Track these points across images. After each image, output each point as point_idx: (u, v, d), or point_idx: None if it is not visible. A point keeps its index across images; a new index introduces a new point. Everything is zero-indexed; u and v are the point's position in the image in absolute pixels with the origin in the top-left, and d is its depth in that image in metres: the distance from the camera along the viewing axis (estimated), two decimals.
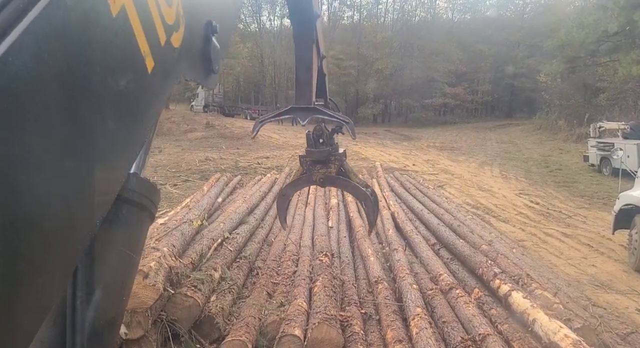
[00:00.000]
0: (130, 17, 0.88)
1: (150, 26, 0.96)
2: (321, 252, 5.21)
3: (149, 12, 0.95)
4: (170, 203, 8.88)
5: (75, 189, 0.78)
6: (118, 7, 0.83)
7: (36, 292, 0.72)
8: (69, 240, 0.80)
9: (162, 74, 1.06)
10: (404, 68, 51.43)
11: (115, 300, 1.14)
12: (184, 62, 1.21)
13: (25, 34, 0.62)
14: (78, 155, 0.78)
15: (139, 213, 1.15)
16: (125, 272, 1.17)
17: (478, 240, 5.98)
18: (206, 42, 1.33)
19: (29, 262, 0.69)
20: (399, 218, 7.32)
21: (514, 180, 15.05)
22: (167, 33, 1.04)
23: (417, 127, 45.48)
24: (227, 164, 16.28)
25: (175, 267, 3.48)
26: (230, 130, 29.80)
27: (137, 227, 1.18)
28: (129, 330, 2.82)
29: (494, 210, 10.16)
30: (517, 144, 28.43)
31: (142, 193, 1.13)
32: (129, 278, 1.21)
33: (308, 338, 3.26)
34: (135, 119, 0.99)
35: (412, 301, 4.04)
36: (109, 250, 1.06)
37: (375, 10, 59.96)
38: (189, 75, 1.29)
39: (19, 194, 0.65)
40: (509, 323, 3.88)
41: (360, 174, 13.45)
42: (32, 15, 0.63)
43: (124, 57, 0.89)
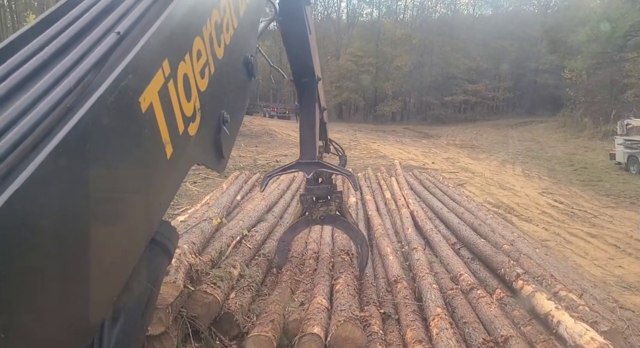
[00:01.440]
0: (156, 113, 1.07)
1: (172, 119, 1.15)
2: (342, 250, 5.18)
3: (171, 107, 1.15)
4: (190, 201, 8.98)
5: (132, 235, 1.05)
6: (147, 105, 1.03)
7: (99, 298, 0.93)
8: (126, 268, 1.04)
9: (179, 159, 1.24)
10: (423, 65, 50.96)
11: (137, 326, 1.25)
12: (198, 148, 1.41)
13: (75, 128, 0.79)
14: (128, 220, 1.03)
15: (160, 252, 1.30)
16: (145, 302, 1.28)
17: (500, 240, 5.86)
18: (218, 131, 1.53)
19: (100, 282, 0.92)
20: (419, 217, 7.23)
21: (537, 179, 14.73)
22: (185, 124, 1.24)
23: (436, 125, 44.99)
24: (245, 161, 16.39)
25: (195, 264, 3.51)
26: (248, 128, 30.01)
27: (158, 264, 1.33)
28: (150, 327, 2.85)
29: (516, 209, 9.95)
30: (540, 141, 27.83)
31: (163, 234, 1.29)
32: (149, 308, 1.32)
33: (332, 335, 3.25)
34: (161, 194, 1.18)
35: (432, 301, 3.98)
36: (134, 282, 1.18)
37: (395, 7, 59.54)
38: (201, 160, 1.50)
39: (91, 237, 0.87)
40: (532, 324, 3.79)
41: (379, 171, 13.38)
42: (82, 111, 0.81)
43: (149, 145, 1.08)
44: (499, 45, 51.53)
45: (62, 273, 0.80)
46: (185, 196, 9.66)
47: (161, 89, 1.08)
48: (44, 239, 0.75)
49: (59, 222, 0.77)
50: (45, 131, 0.77)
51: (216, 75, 1.44)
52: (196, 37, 1.29)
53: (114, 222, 0.96)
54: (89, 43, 0.97)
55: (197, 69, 1.29)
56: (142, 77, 1.00)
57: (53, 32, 0.97)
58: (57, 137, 0.76)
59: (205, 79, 1.36)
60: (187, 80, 1.23)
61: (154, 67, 1.06)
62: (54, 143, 0.75)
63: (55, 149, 0.75)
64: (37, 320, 0.75)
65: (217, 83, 1.46)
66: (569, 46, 35.30)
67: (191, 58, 1.25)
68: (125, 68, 0.93)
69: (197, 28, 1.30)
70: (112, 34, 1.00)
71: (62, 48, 0.94)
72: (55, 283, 0.78)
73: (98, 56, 0.93)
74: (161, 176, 1.16)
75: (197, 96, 1.29)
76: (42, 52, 0.91)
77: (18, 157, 0.72)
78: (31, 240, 0.72)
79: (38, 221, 0.73)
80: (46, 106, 0.79)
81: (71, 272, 0.82)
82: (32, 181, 0.70)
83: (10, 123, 0.75)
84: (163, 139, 1.11)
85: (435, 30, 51.43)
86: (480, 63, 51.42)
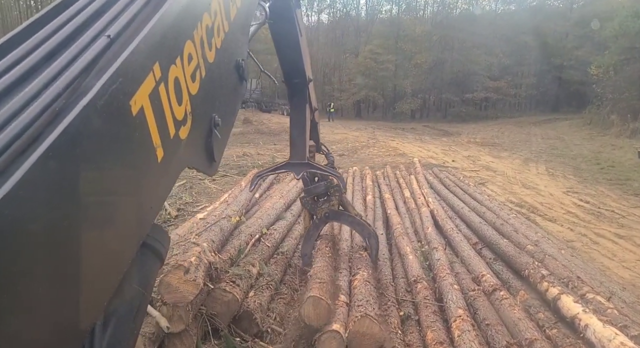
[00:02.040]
0: (147, 116, 1.07)
1: (163, 122, 1.15)
2: (360, 246, 5.13)
3: (162, 111, 1.15)
4: (209, 199, 9.06)
5: (123, 239, 1.06)
6: (138, 108, 1.02)
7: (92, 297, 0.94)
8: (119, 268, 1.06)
9: (170, 162, 1.24)
10: (443, 62, 50.32)
11: (128, 331, 1.24)
12: (189, 152, 1.40)
13: (65, 132, 0.79)
14: (119, 217, 1.04)
15: (151, 255, 1.29)
16: (137, 306, 1.27)
17: (523, 240, 5.72)
18: (209, 134, 1.53)
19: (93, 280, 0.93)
20: (439, 216, 7.12)
21: (562, 178, 14.36)
22: (176, 127, 1.24)
23: (456, 122, 44.40)
24: (264, 159, 16.45)
25: (214, 262, 3.52)
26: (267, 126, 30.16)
27: (149, 267, 1.32)
28: (171, 324, 2.87)
29: (539, 208, 9.72)
30: (565, 139, 27.14)
31: (155, 238, 1.29)
32: (140, 312, 1.31)
33: (349, 331, 3.22)
34: (152, 198, 1.19)
35: (454, 302, 3.90)
36: (125, 286, 1.17)
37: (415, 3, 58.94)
38: (193, 163, 1.48)
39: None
40: (558, 328, 3.68)
41: (398, 169, 13.25)
42: (72, 115, 0.82)
43: (140, 149, 1.08)
44: (522, 41, 50.46)
45: (51, 277, 0.79)
46: (204, 194, 9.75)
47: (152, 92, 1.08)
48: (33, 243, 0.74)
49: (48, 225, 0.77)
50: (34, 135, 0.77)
51: (207, 78, 1.45)
52: (187, 41, 1.29)
53: (104, 226, 0.96)
54: (79, 46, 0.96)
55: (188, 73, 1.30)
56: (132, 80, 1.00)
57: (43, 35, 0.97)
58: (46, 141, 0.76)
59: (197, 83, 1.36)
60: (178, 84, 1.23)
61: (145, 70, 1.06)
62: (44, 147, 0.75)
63: (45, 152, 0.75)
64: (26, 324, 0.74)
65: (208, 86, 1.46)
66: (596, 41, 34.34)
67: (182, 62, 1.25)
68: (116, 71, 0.93)
69: (188, 32, 1.30)
70: (102, 37, 1.00)
71: (52, 51, 0.94)
72: (44, 287, 0.77)
73: (88, 59, 0.93)
74: (152, 180, 1.16)
75: (188, 99, 1.30)
76: (32, 55, 0.91)
77: (6, 161, 0.71)
78: (20, 244, 0.72)
79: (27, 225, 0.72)
80: (35, 110, 0.79)
81: (61, 276, 0.82)
82: (20, 185, 0.69)
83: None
84: (154, 143, 1.11)
85: (456, 27, 50.69)
86: (503, 59, 50.44)
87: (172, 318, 2.92)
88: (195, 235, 3.90)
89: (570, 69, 47.11)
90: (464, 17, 54.40)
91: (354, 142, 22.62)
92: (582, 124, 33.28)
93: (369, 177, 11.60)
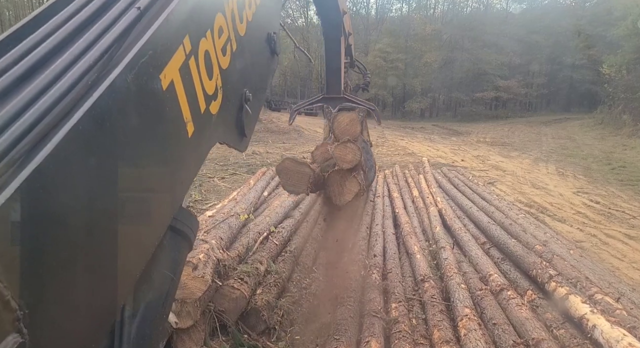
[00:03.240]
0: (177, 90, 1.04)
1: (193, 97, 1.13)
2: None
3: (192, 85, 1.12)
4: (218, 197, 9.12)
5: (152, 214, 1.03)
6: (167, 82, 1.00)
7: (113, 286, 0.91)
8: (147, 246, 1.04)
9: (201, 137, 1.22)
10: (453, 61, 49.97)
11: (158, 316, 1.21)
12: (220, 127, 1.38)
13: (95, 105, 0.79)
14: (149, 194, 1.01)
15: (180, 240, 1.25)
16: (166, 291, 1.24)
17: (532, 240, 5.69)
18: (240, 110, 1.50)
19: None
20: (447, 216, 7.11)
21: (572, 178, 14.22)
22: (207, 102, 1.21)
23: (466, 122, 44.08)
24: (273, 158, 16.50)
25: (222, 259, 3.56)
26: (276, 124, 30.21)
27: (178, 252, 1.28)
28: (179, 320, 2.92)
29: (549, 208, 9.64)
30: (576, 139, 26.83)
31: (184, 222, 1.25)
32: (169, 297, 1.28)
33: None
34: (182, 174, 1.15)
35: (461, 301, 3.91)
36: (154, 271, 1.14)
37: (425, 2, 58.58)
38: (223, 139, 1.45)
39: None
40: (565, 328, 3.67)
41: (407, 168, 13.22)
42: (102, 88, 0.81)
43: (171, 123, 1.06)
44: (533, 40, 49.89)
45: (81, 257, 0.79)
46: (213, 192, 9.82)
47: (182, 66, 1.06)
48: (65, 218, 0.74)
49: (78, 199, 0.77)
50: (67, 109, 0.76)
51: (238, 52, 1.41)
52: (218, 13, 1.26)
53: (134, 202, 0.94)
54: (109, 19, 0.95)
55: (219, 46, 1.26)
56: (162, 53, 0.98)
57: (74, 8, 0.96)
58: (77, 114, 0.76)
59: (227, 57, 1.33)
60: (209, 58, 1.20)
61: (175, 43, 1.03)
62: (75, 120, 0.75)
63: (75, 125, 0.74)
64: (58, 305, 0.75)
65: (239, 60, 1.43)
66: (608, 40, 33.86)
67: (213, 35, 1.22)
68: (145, 44, 0.92)
69: (219, 4, 1.27)
70: (132, 9, 0.98)
71: (83, 24, 0.93)
72: (74, 269, 0.77)
73: (118, 32, 0.92)
74: (182, 155, 1.13)
75: (219, 74, 1.27)
76: (62, 29, 0.90)
77: (40, 133, 0.71)
78: (53, 218, 0.71)
79: (58, 197, 0.72)
80: (67, 83, 0.79)
81: (90, 256, 0.81)
82: (51, 160, 0.69)
83: (31, 100, 0.75)
84: (184, 117, 1.09)
85: (466, 26, 50.28)
86: (513, 58, 49.97)
87: (180, 314, 2.96)
88: (204, 233, 3.94)
89: (582, 68, 46.52)
90: (475, 16, 53.94)
91: None
92: (593, 124, 32.86)
93: (378, 175, 11.60)
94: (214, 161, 15.09)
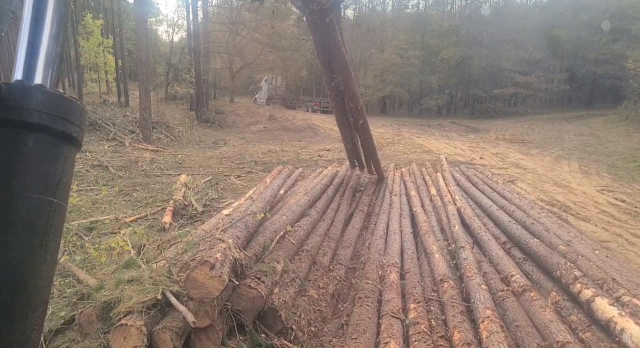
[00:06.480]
0: None
1: None
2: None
3: None
4: (234, 195, 9.16)
5: None
6: None
7: None
8: None
9: None
10: (471, 57, 49.26)
11: (30, 252, 0.78)
12: None
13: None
14: None
15: (55, 143, 0.83)
16: (46, 219, 0.80)
17: (555, 240, 5.53)
18: None
19: None
20: (466, 214, 6.98)
21: (596, 176, 13.85)
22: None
23: (484, 119, 43.45)
24: (288, 156, 16.52)
25: (239, 258, 3.54)
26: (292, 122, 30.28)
27: (56, 161, 0.83)
28: (197, 319, 2.91)
29: (572, 207, 9.39)
30: (599, 136, 26.15)
31: (54, 113, 0.82)
32: (54, 228, 0.82)
33: None
34: None
35: (481, 302, 3.82)
36: (20, 194, 0.77)
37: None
38: None
39: None
40: (591, 331, 3.55)
41: (424, 166, 13.06)
42: None
43: None
44: (554, 35, 48.76)
45: None
46: (229, 190, 9.86)
47: None
48: None
49: None
50: None
51: None
52: None
53: None
54: None
55: None
56: None
57: None
58: None
59: None
60: None
61: None
62: None
63: None
64: None
65: None
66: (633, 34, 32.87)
67: None
68: None
69: None
70: None
71: None
72: None
73: None
74: None
75: None
76: None
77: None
78: None
79: None
80: None
81: None
82: None
83: None
84: None
85: (485, 21, 49.47)
86: (533, 54, 48.94)
87: (198, 313, 2.96)
88: (221, 232, 3.93)
89: (606, 63, 45.28)
90: (494, 11, 52.99)
91: (379, 138, 22.40)
92: (617, 120, 31.96)
93: (395, 173, 11.49)
94: (230, 159, 15.18)
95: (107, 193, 8.23)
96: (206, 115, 28.92)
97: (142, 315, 2.86)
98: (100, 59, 34.29)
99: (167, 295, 3.03)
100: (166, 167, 12.90)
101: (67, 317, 3.24)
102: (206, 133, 25.59)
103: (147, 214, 7.39)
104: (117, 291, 3.10)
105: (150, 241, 5.21)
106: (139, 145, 17.53)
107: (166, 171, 12.24)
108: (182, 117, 28.67)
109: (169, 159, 14.56)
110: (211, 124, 28.32)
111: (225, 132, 26.91)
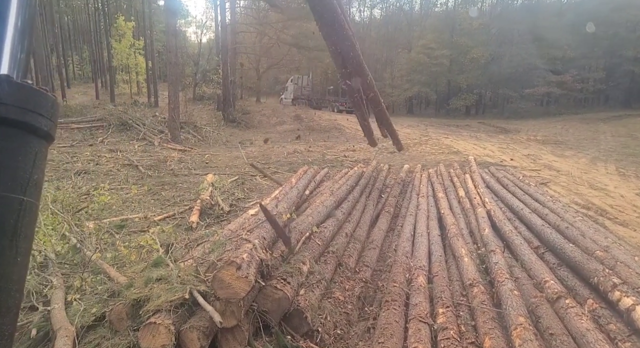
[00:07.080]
0: None
1: None
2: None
3: None
4: (260, 195, 9.21)
5: None
6: None
7: None
8: None
9: None
10: (501, 56, 48.09)
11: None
12: None
13: None
14: None
15: (24, 137, 0.79)
16: (17, 218, 0.76)
17: (591, 245, 5.31)
18: None
19: None
20: (496, 217, 6.79)
21: (634, 178, 13.26)
22: None
23: (514, 119, 42.35)
24: (314, 156, 16.51)
25: (265, 259, 3.53)
26: (317, 122, 30.31)
27: (26, 157, 0.79)
28: (224, 319, 2.91)
29: (609, 211, 9.01)
30: (638, 137, 25.06)
31: (22, 106, 0.79)
32: (25, 227, 0.77)
33: None
34: None
35: (514, 308, 3.68)
36: None
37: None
38: None
39: None
40: (632, 341, 3.38)
41: (451, 168, 12.81)
42: None
43: None
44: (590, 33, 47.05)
45: None
46: (255, 190, 9.93)
47: None
48: None
49: None
50: None
51: None
52: None
53: None
54: None
55: None
56: None
57: None
58: None
59: None
60: None
61: None
62: None
63: None
64: None
65: None
66: None
67: None
68: None
69: None
70: None
71: None
72: None
73: None
74: None
75: None
76: None
77: None
78: None
79: None
80: None
81: None
82: None
83: None
84: None
85: (516, 19, 48.21)
86: (567, 52, 47.34)
87: (224, 313, 2.97)
88: (247, 232, 3.94)
89: None
90: (526, 9, 51.58)
91: (406, 139, 22.16)
92: None
93: (422, 175, 11.32)
94: (256, 159, 15.30)
95: (137, 192, 8.42)
96: (233, 115, 29.29)
97: (170, 313, 2.88)
98: (132, 61, 35.28)
99: (194, 294, 3.05)
100: (193, 167, 13.11)
101: (98, 313, 3.31)
102: (233, 133, 25.92)
103: (175, 213, 7.52)
104: (146, 289, 3.14)
105: (178, 240, 5.28)
106: (168, 145, 17.90)
107: (193, 171, 12.44)
108: (209, 117, 29.13)
109: (196, 159, 14.80)
110: (238, 124, 28.67)
111: (251, 132, 27.19)
